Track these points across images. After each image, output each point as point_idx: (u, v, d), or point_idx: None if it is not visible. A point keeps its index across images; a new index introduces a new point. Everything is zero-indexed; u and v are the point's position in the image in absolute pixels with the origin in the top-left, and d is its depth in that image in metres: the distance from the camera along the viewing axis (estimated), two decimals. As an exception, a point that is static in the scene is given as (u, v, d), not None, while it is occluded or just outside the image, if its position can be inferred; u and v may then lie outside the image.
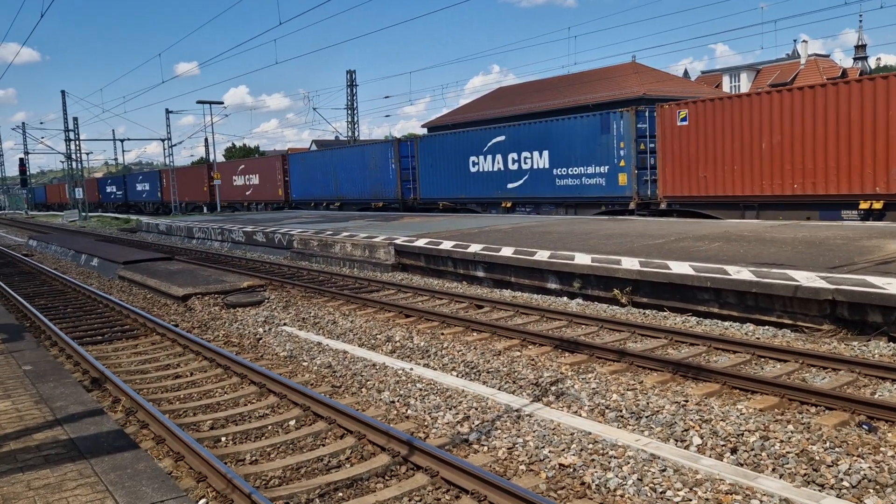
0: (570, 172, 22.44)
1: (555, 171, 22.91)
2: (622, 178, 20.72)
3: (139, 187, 61.04)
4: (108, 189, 69.86)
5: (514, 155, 24.51)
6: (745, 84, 62.81)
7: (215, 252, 23.15)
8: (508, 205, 24.82)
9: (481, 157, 25.88)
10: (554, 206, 23.26)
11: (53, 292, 15.79)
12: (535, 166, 23.66)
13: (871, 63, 72.59)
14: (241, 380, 8.16)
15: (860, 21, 68.82)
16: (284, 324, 11.22)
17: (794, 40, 67.04)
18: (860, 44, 71.76)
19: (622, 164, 20.60)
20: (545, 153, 23.30)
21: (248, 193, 43.62)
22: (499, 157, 25.14)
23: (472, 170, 26.27)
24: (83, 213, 55.26)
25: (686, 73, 71.63)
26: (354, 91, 47.94)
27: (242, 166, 45.15)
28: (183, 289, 13.62)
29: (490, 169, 25.52)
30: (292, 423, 6.74)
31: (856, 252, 10.76)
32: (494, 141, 25.33)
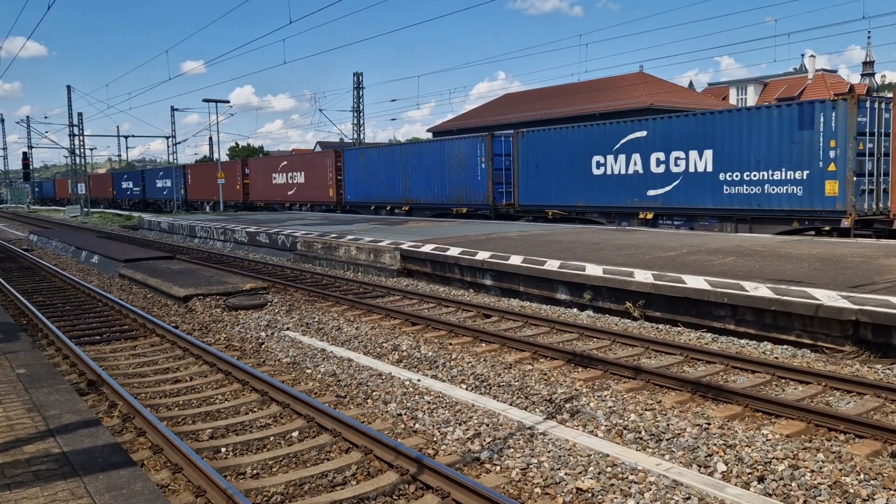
0: (745, 178, 17.86)
1: (721, 175, 18.41)
2: (830, 187, 16.16)
3: (160, 184, 56.56)
4: (124, 185, 64.87)
5: (660, 155, 19.92)
6: (752, 97, 62.62)
7: (217, 252, 22.90)
8: (649, 216, 20.27)
9: (610, 157, 21.32)
10: (717, 220, 18.73)
11: (52, 289, 15.54)
12: (692, 169, 19.17)
13: (877, 80, 72.46)
14: (243, 386, 7.89)
15: (868, 38, 68.79)
16: (287, 328, 10.95)
17: (802, 55, 66.83)
18: (868, 60, 71.65)
19: (831, 168, 16.08)
20: (707, 153, 18.79)
21: (290, 193, 38.84)
22: (636, 157, 20.54)
23: (596, 172, 21.79)
24: (85, 209, 55.06)
25: (691, 84, 71.49)
26: (361, 93, 47.78)
27: (285, 163, 40.04)
28: (184, 289, 13.35)
29: (622, 171, 21.00)
30: (295, 434, 6.47)
31: (875, 271, 10.49)
32: (631, 137, 20.79)
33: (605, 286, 11.09)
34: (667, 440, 5.87)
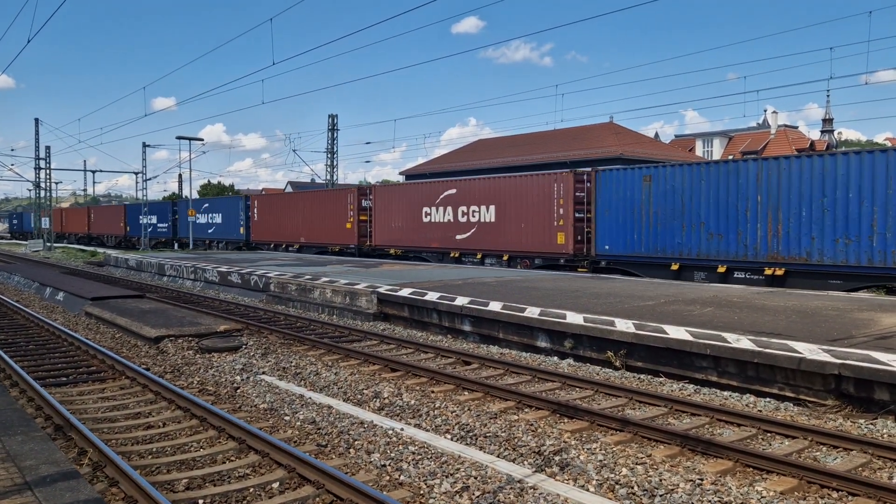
0: None
1: None
2: None
3: (202, 219, 43.99)
4: (144, 220, 51.29)
5: None
6: (717, 150, 64.35)
7: (187, 291, 22.43)
8: None
9: None
10: None
11: (15, 326, 15.01)
12: None
13: (835, 136, 75.03)
14: (219, 433, 7.61)
15: (828, 97, 71.33)
16: (263, 372, 10.67)
17: (764, 110, 69.10)
18: (827, 118, 74.22)
19: None
20: None
21: (460, 238, 26.10)
22: None
23: None
24: (48, 244, 53.87)
25: (657, 135, 73.32)
26: (335, 135, 47.91)
27: (452, 191, 26.73)
28: (156, 330, 12.98)
29: None
30: (276, 485, 6.23)
31: (851, 324, 10.63)
32: None
33: (586, 335, 11.05)
34: (660, 496, 5.76)
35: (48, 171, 58.15)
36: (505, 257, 24.48)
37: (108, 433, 7.70)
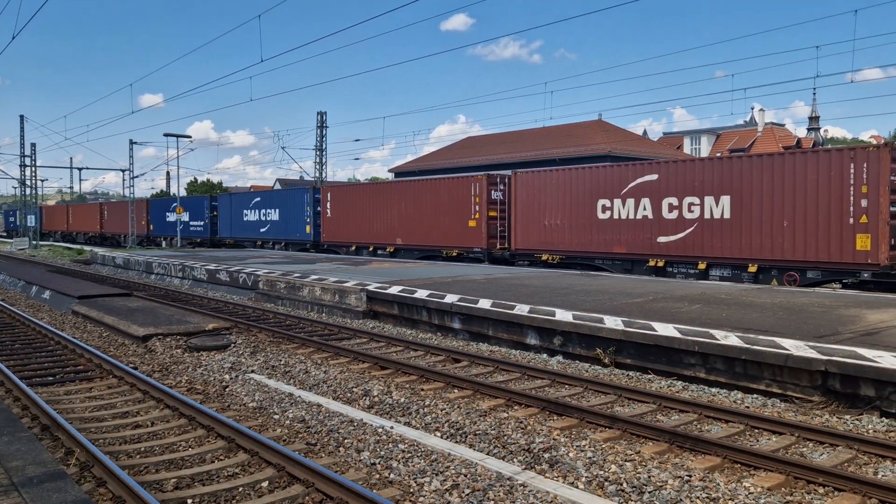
0: None
1: None
2: None
3: (251, 215, 36.98)
4: (171, 217, 44.16)
5: None
6: (705, 147, 64.67)
7: (175, 289, 22.31)
8: None
9: None
10: None
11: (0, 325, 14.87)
12: None
13: (821, 134, 75.51)
14: (208, 432, 7.58)
15: (814, 95, 71.77)
16: (252, 371, 10.63)
17: (751, 108, 69.53)
18: (814, 115, 74.70)
19: None
20: None
21: (668, 240, 19.53)
22: None
23: None
24: (33, 242, 53.45)
25: (645, 132, 73.57)
26: (324, 132, 47.77)
27: (651, 178, 20.11)
28: (143, 328, 12.90)
29: None
30: (265, 484, 6.21)
31: (837, 321, 10.72)
32: None
33: (575, 332, 11.09)
34: (649, 493, 5.79)
35: (34, 169, 57.69)
36: (752, 268, 17.74)
37: (96, 433, 7.65)
